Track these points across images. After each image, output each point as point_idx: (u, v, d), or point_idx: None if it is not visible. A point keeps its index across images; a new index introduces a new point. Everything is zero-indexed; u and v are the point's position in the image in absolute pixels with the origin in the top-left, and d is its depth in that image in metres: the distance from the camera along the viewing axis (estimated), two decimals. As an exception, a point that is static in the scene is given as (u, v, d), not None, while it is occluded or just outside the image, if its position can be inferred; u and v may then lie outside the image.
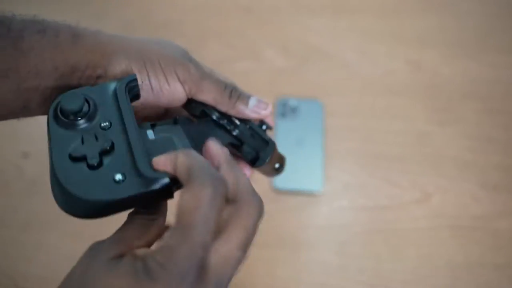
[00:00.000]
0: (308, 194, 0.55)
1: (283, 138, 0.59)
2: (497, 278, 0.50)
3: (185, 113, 0.32)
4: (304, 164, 0.57)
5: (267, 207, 0.59)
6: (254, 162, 0.31)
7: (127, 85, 0.26)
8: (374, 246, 0.52)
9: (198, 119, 0.31)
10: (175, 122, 0.28)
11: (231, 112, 0.30)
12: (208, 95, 0.29)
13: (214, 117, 0.30)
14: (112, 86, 0.26)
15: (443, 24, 0.69)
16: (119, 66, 0.26)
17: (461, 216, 0.54)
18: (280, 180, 0.56)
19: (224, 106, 0.29)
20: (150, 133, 0.27)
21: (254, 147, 0.31)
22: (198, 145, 0.26)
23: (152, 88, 0.27)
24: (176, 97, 0.28)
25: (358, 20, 0.70)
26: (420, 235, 0.52)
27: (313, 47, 0.67)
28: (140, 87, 0.26)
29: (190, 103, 0.30)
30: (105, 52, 0.26)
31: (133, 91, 0.27)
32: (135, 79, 0.26)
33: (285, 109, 0.61)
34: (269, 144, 0.31)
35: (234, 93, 0.29)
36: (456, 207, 0.54)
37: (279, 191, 0.55)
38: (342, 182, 0.56)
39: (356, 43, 0.68)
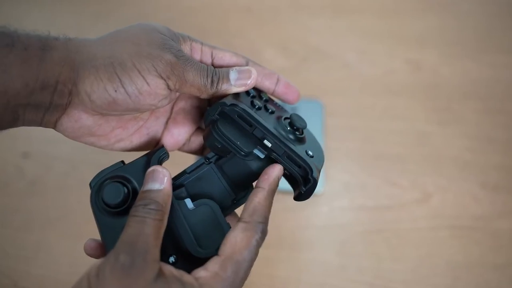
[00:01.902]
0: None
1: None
2: (497, 278, 0.50)
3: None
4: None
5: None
6: (296, 195, 0.28)
7: (158, 160, 0.26)
8: (374, 246, 0.52)
9: (226, 155, 0.28)
10: (207, 161, 0.27)
11: (217, 95, 0.28)
12: (191, 87, 0.26)
13: (243, 154, 0.27)
14: (143, 161, 0.27)
15: (443, 24, 0.69)
16: (87, 79, 0.24)
17: (461, 216, 0.54)
18: (280, 180, 0.56)
19: (209, 94, 0.27)
20: (189, 202, 0.26)
21: (293, 173, 0.27)
22: (235, 182, 0.27)
23: (128, 95, 0.25)
24: (158, 95, 0.25)
25: (358, 20, 0.70)
26: (420, 235, 0.52)
27: (313, 47, 0.67)
28: (113, 97, 0.25)
29: (211, 143, 0.27)
30: (73, 64, 0.24)
31: (164, 159, 0.27)
32: (165, 152, 0.27)
33: (285, 109, 0.61)
34: (309, 172, 0.26)
35: (214, 77, 0.27)
36: (456, 207, 0.54)
37: (279, 191, 0.55)
38: (342, 182, 0.56)
39: (356, 43, 0.68)
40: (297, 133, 0.28)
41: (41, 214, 0.55)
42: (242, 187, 0.28)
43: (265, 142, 0.26)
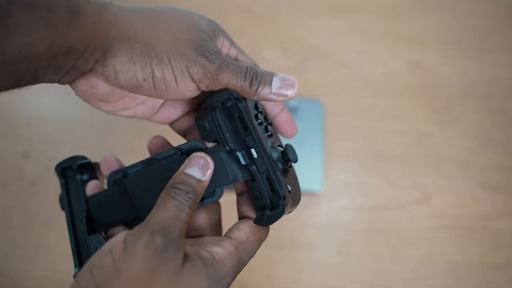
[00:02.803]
0: (308, 194, 0.55)
1: (283, 138, 0.59)
2: (497, 278, 0.50)
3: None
4: (304, 164, 0.57)
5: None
6: (257, 217, 0.26)
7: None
8: (374, 246, 0.52)
9: (205, 141, 0.27)
10: (181, 152, 0.27)
11: (256, 99, 0.26)
12: (221, 86, 0.26)
13: (228, 148, 0.26)
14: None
15: (443, 24, 0.69)
16: (120, 58, 0.24)
17: (461, 216, 0.54)
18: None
19: (250, 95, 0.26)
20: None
21: (263, 197, 0.25)
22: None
23: (155, 87, 0.24)
24: (185, 94, 0.25)
25: (358, 20, 0.70)
26: (420, 235, 0.52)
27: (313, 47, 0.67)
28: (137, 84, 0.24)
29: (201, 124, 0.27)
30: (107, 37, 0.23)
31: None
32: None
33: (285, 109, 0.61)
34: (280, 202, 0.24)
35: (254, 80, 0.26)
36: (456, 207, 0.54)
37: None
38: (342, 182, 0.56)
39: (356, 43, 0.68)
40: (285, 164, 0.27)
41: (41, 214, 0.55)
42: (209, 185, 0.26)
43: (252, 151, 0.25)
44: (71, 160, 0.30)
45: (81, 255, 0.28)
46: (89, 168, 0.30)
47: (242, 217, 0.28)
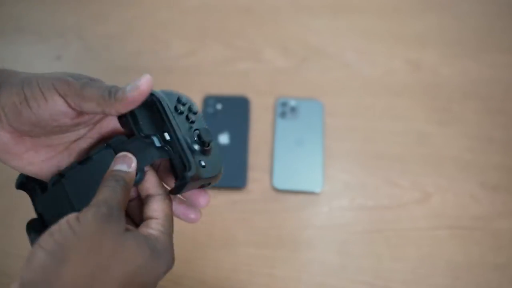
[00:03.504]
0: (308, 194, 0.56)
1: (283, 138, 0.59)
2: (497, 278, 0.50)
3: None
4: (304, 164, 0.57)
5: (267, 207, 0.59)
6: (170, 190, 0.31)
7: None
8: (374, 246, 0.52)
9: (130, 137, 0.31)
10: (108, 146, 0.31)
11: (118, 108, 0.29)
12: (91, 103, 0.28)
13: (142, 135, 0.30)
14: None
15: (443, 24, 0.69)
16: (3, 95, 0.28)
17: (461, 216, 0.54)
18: (280, 180, 0.56)
19: (108, 106, 0.28)
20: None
21: (177, 170, 0.30)
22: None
23: (30, 108, 0.28)
24: (57, 110, 0.28)
25: (358, 20, 0.70)
26: (420, 235, 0.53)
27: (313, 47, 0.67)
28: (18, 108, 0.28)
29: (121, 120, 0.30)
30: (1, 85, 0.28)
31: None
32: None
33: (285, 109, 0.61)
34: (186, 169, 0.29)
35: (113, 89, 0.29)
36: (456, 207, 0.54)
37: (279, 191, 0.56)
38: (342, 182, 0.56)
39: (356, 43, 0.68)
40: (203, 145, 0.31)
41: (42, 214, 0.55)
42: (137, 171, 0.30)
43: (165, 134, 0.30)
44: (21, 175, 0.33)
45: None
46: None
47: (145, 195, 0.31)
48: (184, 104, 0.32)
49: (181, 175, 0.29)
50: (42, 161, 0.31)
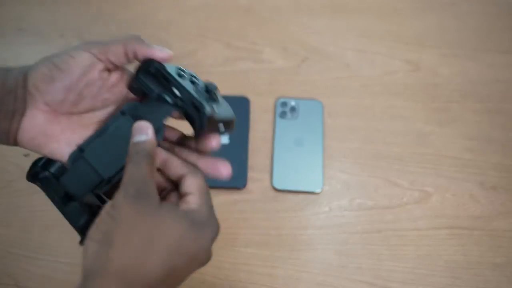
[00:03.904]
0: (308, 194, 0.56)
1: (283, 138, 0.59)
2: (496, 277, 0.50)
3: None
4: (304, 164, 0.57)
5: (267, 207, 0.59)
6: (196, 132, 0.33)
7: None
8: (373, 246, 0.52)
9: (142, 100, 0.33)
10: (123, 113, 0.32)
11: (139, 49, 0.32)
12: (116, 50, 0.31)
13: (154, 95, 0.32)
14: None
15: (442, 24, 0.69)
16: (32, 76, 0.30)
17: (461, 216, 0.54)
18: (280, 180, 0.56)
19: (129, 48, 0.31)
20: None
21: (194, 116, 0.32)
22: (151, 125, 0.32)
23: (60, 69, 0.30)
24: (86, 63, 0.31)
25: (358, 20, 0.70)
26: (419, 234, 0.53)
27: (313, 47, 0.67)
28: (49, 76, 0.30)
29: (132, 86, 0.33)
30: (26, 73, 0.31)
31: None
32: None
33: (285, 109, 0.61)
34: (200, 111, 0.31)
35: (137, 37, 0.32)
36: (455, 207, 0.54)
37: (279, 191, 0.56)
38: (342, 182, 0.57)
39: (356, 43, 0.68)
40: (209, 94, 0.34)
41: (43, 214, 0.55)
42: (155, 129, 0.32)
43: (174, 90, 0.32)
44: (33, 166, 0.34)
45: (71, 223, 0.33)
46: (50, 162, 0.34)
47: (176, 178, 0.32)
48: (185, 72, 0.34)
49: (198, 116, 0.31)
50: (77, 142, 0.33)
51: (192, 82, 0.34)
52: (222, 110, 0.34)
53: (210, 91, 0.34)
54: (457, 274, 0.50)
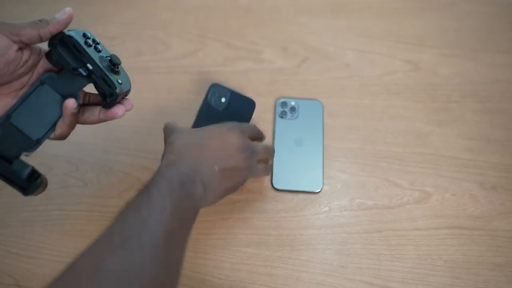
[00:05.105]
0: (308, 194, 0.56)
1: (283, 138, 0.59)
2: (496, 278, 0.50)
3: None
4: (304, 164, 0.57)
5: (267, 207, 0.59)
6: (103, 104, 0.40)
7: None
8: (373, 246, 0.52)
9: (60, 72, 0.39)
10: (42, 82, 0.38)
11: (51, 28, 0.36)
12: (26, 32, 0.35)
13: (70, 68, 0.38)
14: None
15: (442, 24, 0.69)
16: None
17: (460, 216, 0.54)
18: (280, 180, 0.56)
19: (42, 28, 0.36)
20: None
21: (105, 91, 0.39)
22: (66, 95, 0.38)
23: None
24: (2, 46, 0.34)
25: (358, 20, 0.70)
26: (419, 234, 0.53)
27: (313, 47, 0.67)
28: None
29: (51, 58, 0.38)
30: None
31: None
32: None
33: (285, 109, 0.61)
34: (110, 87, 0.39)
35: (43, 20, 0.37)
36: (455, 207, 0.54)
37: (279, 191, 0.56)
38: (342, 182, 0.57)
39: (356, 43, 0.68)
40: (114, 67, 0.40)
41: (43, 213, 0.55)
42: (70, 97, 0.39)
43: (88, 65, 0.38)
44: None
45: (13, 180, 0.38)
46: None
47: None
48: (89, 38, 0.39)
49: (109, 93, 0.39)
50: (1, 110, 0.37)
51: (97, 50, 0.39)
52: (124, 82, 0.41)
53: (115, 64, 0.40)
54: (457, 274, 0.50)
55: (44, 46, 0.39)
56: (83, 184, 0.57)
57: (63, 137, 0.40)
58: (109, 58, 0.40)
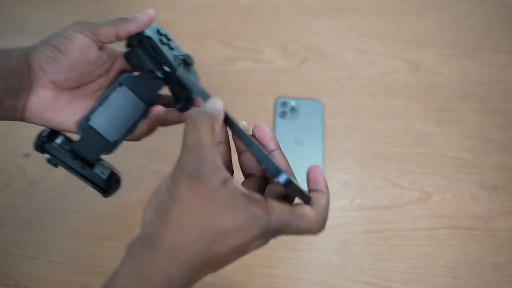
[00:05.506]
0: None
1: (283, 138, 0.59)
2: (496, 277, 0.50)
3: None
4: (304, 164, 0.57)
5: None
6: (179, 108, 0.39)
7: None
8: (374, 246, 0.52)
9: (138, 73, 0.38)
10: (120, 84, 0.37)
11: (130, 27, 0.36)
12: (105, 27, 0.35)
13: (148, 69, 0.37)
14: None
15: (442, 24, 0.69)
16: (35, 56, 0.34)
17: (461, 216, 0.54)
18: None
19: (120, 26, 0.35)
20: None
21: (181, 94, 0.38)
22: (143, 97, 0.37)
23: (62, 51, 0.33)
24: (83, 44, 0.34)
25: (358, 20, 0.70)
26: (419, 234, 0.53)
27: (313, 47, 0.67)
28: (53, 58, 0.34)
29: (129, 59, 0.37)
30: (28, 53, 0.34)
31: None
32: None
33: (285, 109, 0.61)
34: (187, 90, 0.37)
35: (122, 18, 0.36)
36: (455, 207, 0.54)
37: (279, 191, 0.56)
38: (342, 182, 0.57)
39: (356, 43, 0.68)
40: (187, 67, 0.38)
41: (42, 214, 0.55)
42: (148, 100, 0.38)
43: (165, 68, 0.36)
44: (39, 138, 0.38)
45: (95, 182, 0.38)
46: (55, 133, 0.38)
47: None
48: (162, 35, 0.38)
49: (185, 96, 0.37)
50: (80, 111, 0.37)
51: (169, 46, 0.38)
52: (196, 79, 0.39)
53: (188, 65, 0.38)
54: (457, 274, 0.50)
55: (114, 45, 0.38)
56: (83, 184, 0.57)
57: (140, 138, 0.39)
58: (183, 57, 0.38)
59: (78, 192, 0.56)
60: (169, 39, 0.39)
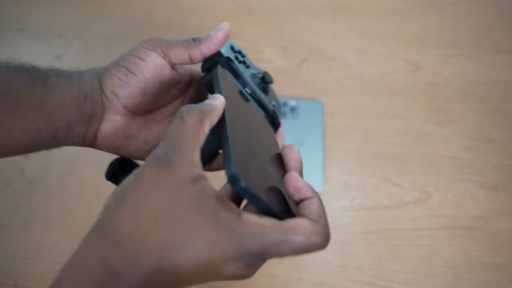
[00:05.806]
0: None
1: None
2: (496, 277, 0.50)
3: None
4: (304, 164, 0.57)
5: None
6: None
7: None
8: (374, 246, 0.52)
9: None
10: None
11: (203, 49, 0.32)
12: (177, 48, 0.32)
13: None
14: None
15: (442, 24, 0.69)
16: (107, 81, 0.31)
17: (461, 216, 0.54)
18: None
19: (193, 48, 0.32)
20: None
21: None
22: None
23: (134, 73, 0.31)
24: (156, 64, 0.31)
25: (358, 20, 0.70)
26: (419, 235, 0.53)
27: (313, 47, 0.67)
28: (126, 81, 0.31)
29: (206, 83, 0.33)
30: (99, 77, 0.31)
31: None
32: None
33: (285, 109, 0.61)
34: (270, 115, 0.34)
35: (196, 39, 0.33)
36: (455, 207, 0.54)
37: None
38: (342, 182, 0.56)
39: (356, 43, 0.68)
40: (265, 86, 0.36)
41: (42, 214, 0.55)
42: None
43: (246, 89, 0.33)
44: (111, 166, 0.34)
45: None
46: (126, 161, 0.34)
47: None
48: (237, 51, 0.35)
49: (272, 122, 0.34)
50: (154, 138, 0.34)
51: (245, 64, 0.35)
52: (276, 102, 0.36)
53: (267, 83, 0.35)
54: (457, 274, 0.50)
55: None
56: (83, 184, 0.57)
57: (219, 168, 0.34)
58: (261, 76, 0.35)
59: (78, 192, 0.56)
60: (243, 56, 0.36)
